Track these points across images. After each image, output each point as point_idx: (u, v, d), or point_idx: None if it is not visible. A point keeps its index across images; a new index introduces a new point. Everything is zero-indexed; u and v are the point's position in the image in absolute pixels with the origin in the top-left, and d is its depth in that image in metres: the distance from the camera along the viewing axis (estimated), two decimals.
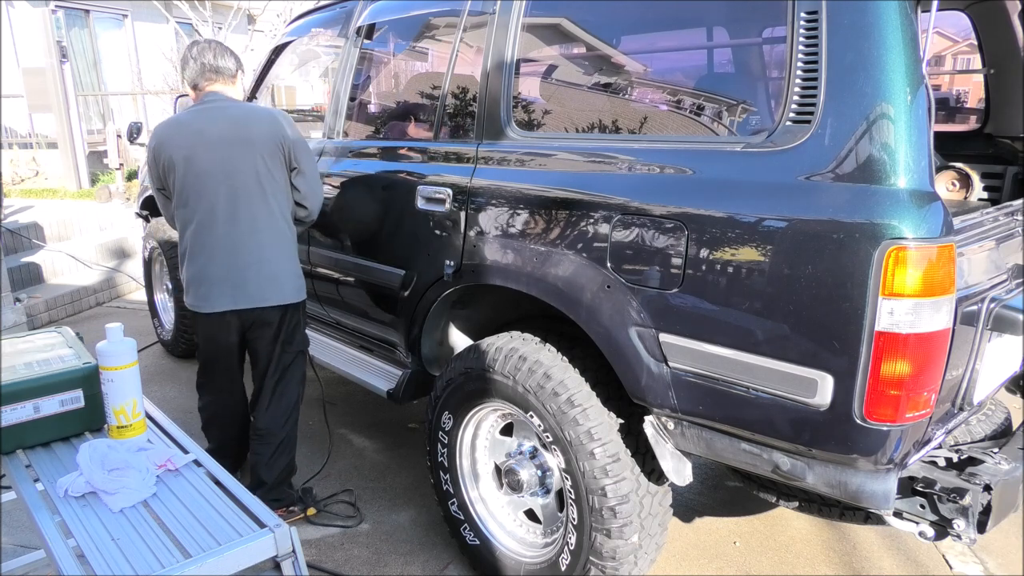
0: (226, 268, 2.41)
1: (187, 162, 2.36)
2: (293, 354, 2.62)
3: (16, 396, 1.65)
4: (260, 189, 2.40)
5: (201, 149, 2.36)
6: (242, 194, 2.38)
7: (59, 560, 1.30)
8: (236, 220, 2.39)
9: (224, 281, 2.42)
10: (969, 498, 1.57)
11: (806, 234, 1.48)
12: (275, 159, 2.42)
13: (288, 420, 2.64)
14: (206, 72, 2.45)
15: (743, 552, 2.56)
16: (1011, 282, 1.80)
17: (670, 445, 1.87)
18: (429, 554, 2.53)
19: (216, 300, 2.44)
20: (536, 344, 2.10)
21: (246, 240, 2.40)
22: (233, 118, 2.40)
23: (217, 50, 2.48)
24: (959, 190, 2.56)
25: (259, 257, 2.42)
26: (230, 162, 2.36)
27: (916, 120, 1.41)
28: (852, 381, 1.45)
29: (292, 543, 1.35)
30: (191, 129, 2.39)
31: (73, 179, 7.93)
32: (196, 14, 10.71)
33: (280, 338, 2.55)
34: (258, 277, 2.43)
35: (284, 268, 2.49)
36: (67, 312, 5.34)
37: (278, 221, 2.46)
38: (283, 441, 2.62)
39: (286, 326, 2.56)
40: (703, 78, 2.29)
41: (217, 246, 2.40)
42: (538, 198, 2.02)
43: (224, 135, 2.37)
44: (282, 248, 2.48)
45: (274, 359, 2.58)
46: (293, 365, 2.64)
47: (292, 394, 2.66)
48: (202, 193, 2.38)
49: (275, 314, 2.51)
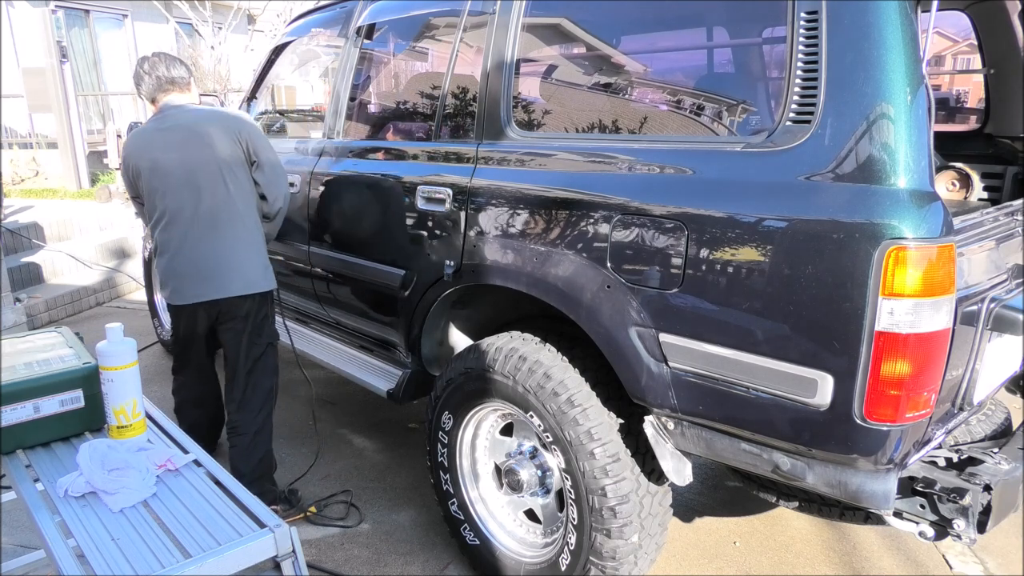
0: (190, 262, 2.53)
1: (151, 167, 2.51)
2: (263, 346, 2.69)
3: (16, 396, 1.65)
4: (224, 186, 2.51)
5: (162, 153, 2.50)
6: (204, 191, 2.50)
7: (59, 560, 1.30)
8: (198, 216, 2.50)
9: (189, 275, 2.54)
10: (969, 498, 1.57)
11: (806, 234, 1.48)
12: (234, 156, 2.53)
13: (262, 411, 2.70)
14: (162, 84, 2.59)
15: (743, 552, 2.56)
16: (1011, 282, 1.80)
17: (670, 445, 1.87)
18: (429, 554, 2.53)
19: (184, 293, 2.56)
20: (536, 344, 2.10)
21: (208, 234, 2.51)
22: (191, 122, 2.53)
23: (168, 62, 2.61)
24: (959, 190, 2.56)
25: (222, 249, 2.53)
26: (191, 162, 2.48)
27: (916, 120, 1.41)
28: (852, 381, 1.45)
29: (292, 543, 1.35)
30: (153, 137, 2.54)
31: (73, 179, 7.93)
32: (196, 14, 10.71)
33: (248, 330, 2.63)
34: (221, 268, 2.53)
35: (248, 259, 2.58)
36: (67, 312, 5.34)
37: (241, 215, 2.56)
38: (258, 431, 2.68)
39: (253, 318, 2.63)
40: (703, 78, 2.29)
41: (182, 242, 2.52)
42: (538, 198, 2.02)
43: (184, 138, 2.50)
44: (245, 240, 2.57)
45: (242, 351, 2.65)
46: (264, 357, 2.70)
47: (264, 386, 2.72)
48: (166, 193, 2.51)
49: (241, 305, 2.59)
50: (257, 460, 2.67)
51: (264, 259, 2.65)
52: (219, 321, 2.63)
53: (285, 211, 2.75)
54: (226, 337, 2.65)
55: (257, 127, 2.66)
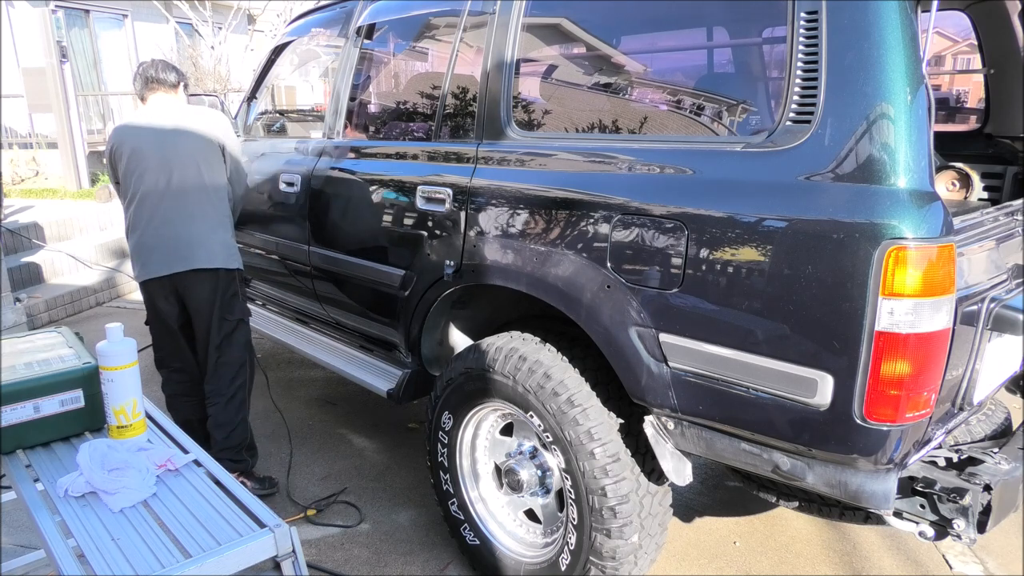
0: (158, 236, 2.67)
1: (132, 151, 2.69)
2: (233, 322, 2.80)
3: (16, 396, 1.65)
4: (195, 167, 2.69)
5: (143, 140, 2.69)
6: (176, 170, 2.66)
7: (59, 560, 1.30)
8: (168, 192, 2.66)
9: (156, 248, 2.67)
10: (969, 498, 1.57)
11: (806, 234, 1.48)
12: (209, 146, 2.73)
13: (234, 381, 2.82)
14: (149, 83, 2.79)
15: (743, 552, 2.56)
16: (1011, 282, 1.80)
17: (670, 445, 1.87)
18: (429, 554, 2.53)
19: (152, 267, 2.69)
20: (536, 344, 2.10)
21: (176, 210, 2.66)
22: (172, 114, 2.75)
23: (160, 66, 2.82)
24: (959, 190, 2.56)
25: (188, 224, 2.67)
26: (167, 146, 2.67)
27: (916, 120, 1.41)
28: (852, 381, 1.45)
29: (292, 543, 1.35)
30: (136, 125, 2.76)
31: (73, 179, 7.92)
32: (196, 14, 10.71)
33: (217, 305, 2.74)
34: (187, 242, 2.66)
35: (212, 235, 2.71)
36: (67, 312, 5.34)
37: (209, 195, 2.72)
38: (231, 399, 2.79)
39: (221, 295, 2.75)
40: (703, 78, 2.28)
41: (151, 217, 2.67)
42: (538, 198, 2.02)
43: (163, 127, 2.70)
44: (212, 218, 2.72)
45: (214, 327, 2.76)
46: (235, 332, 2.81)
47: (235, 356, 2.82)
48: (142, 174, 2.67)
49: (207, 279, 2.70)
50: (231, 427, 2.79)
51: (229, 239, 2.78)
52: (187, 296, 2.73)
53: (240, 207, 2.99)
54: (196, 317, 2.77)
55: (230, 128, 2.86)
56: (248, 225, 3.41)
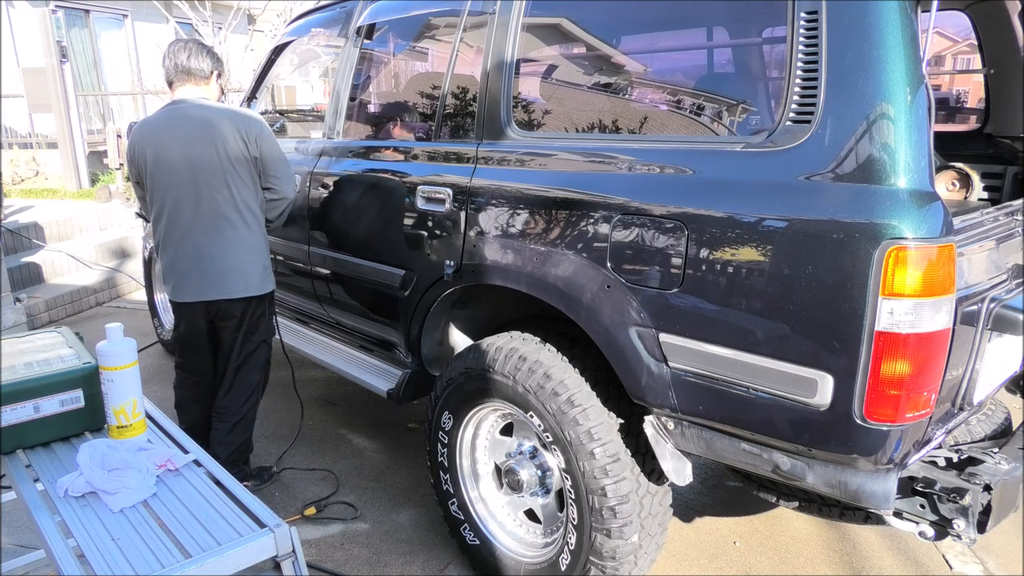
0: (192, 261, 2.57)
1: (155, 159, 2.54)
2: (256, 343, 2.76)
3: (16, 396, 1.65)
4: (226, 186, 2.54)
5: (166, 147, 2.52)
6: (206, 190, 2.52)
7: (59, 560, 1.30)
8: (200, 214, 2.53)
9: (190, 273, 2.59)
10: (969, 498, 1.57)
11: (806, 234, 1.48)
12: (239, 154, 2.54)
13: (247, 401, 2.78)
14: (177, 72, 2.59)
15: (743, 552, 2.56)
16: (1011, 282, 1.80)
17: (670, 445, 1.87)
18: (429, 554, 2.53)
19: (185, 291, 2.61)
20: (536, 344, 2.10)
21: (211, 233, 2.55)
22: (197, 117, 2.54)
23: (192, 50, 2.59)
24: (959, 190, 2.56)
25: (222, 251, 2.56)
26: (193, 158, 2.50)
27: (916, 120, 1.41)
28: (852, 381, 1.45)
29: (292, 543, 1.35)
30: (159, 128, 2.56)
31: (73, 179, 7.92)
32: (196, 14, 10.71)
33: (243, 328, 2.70)
34: (221, 270, 2.57)
35: (247, 261, 2.62)
36: (67, 312, 5.34)
37: (243, 214, 2.58)
38: (241, 420, 2.77)
39: (249, 317, 2.70)
40: (703, 78, 2.28)
41: (183, 239, 2.56)
42: (538, 198, 2.02)
43: (188, 133, 2.51)
44: (246, 242, 2.60)
45: (237, 347, 2.72)
46: (256, 353, 2.77)
47: (253, 378, 2.79)
48: (168, 187, 2.54)
49: (239, 306, 2.65)
50: (236, 446, 2.78)
51: (264, 261, 2.70)
52: (217, 318, 2.69)
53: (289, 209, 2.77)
54: (223, 334, 2.73)
55: (266, 126, 2.66)
56: None
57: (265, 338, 2.79)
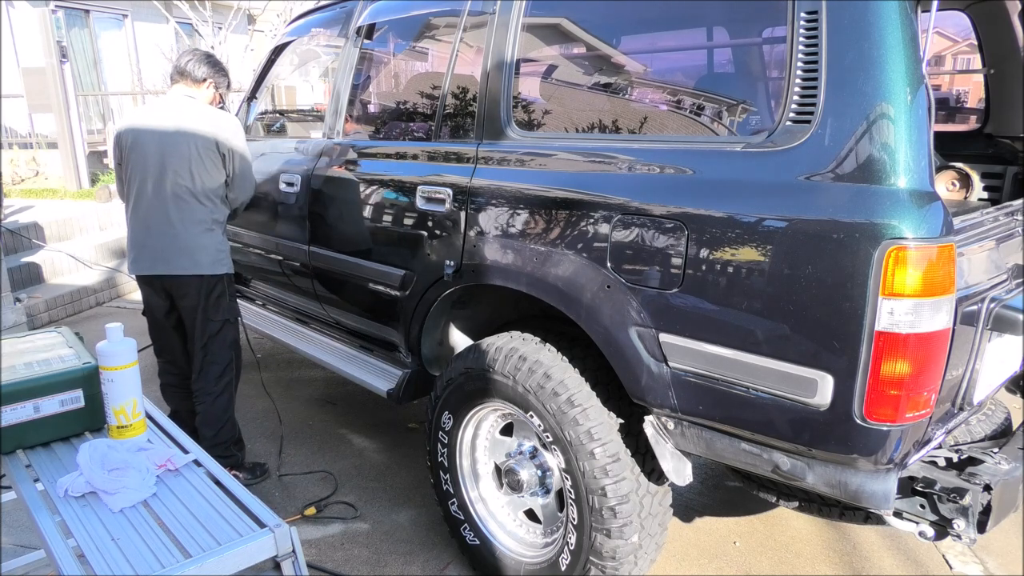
0: (149, 236, 2.73)
1: (133, 141, 2.74)
2: (219, 323, 2.85)
3: (16, 396, 1.65)
4: (189, 172, 2.70)
5: (145, 131, 2.72)
6: (170, 172, 2.69)
7: (59, 560, 1.30)
8: (161, 194, 2.69)
9: (145, 247, 2.75)
10: (969, 498, 1.57)
11: (806, 234, 1.48)
12: (208, 150, 2.72)
13: (220, 380, 2.88)
14: (174, 73, 2.84)
15: (743, 552, 2.56)
16: (1011, 282, 1.80)
17: (670, 445, 1.87)
18: (429, 554, 2.53)
19: (139, 264, 2.77)
20: (536, 344, 2.10)
21: (166, 213, 2.70)
22: (180, 110, 2.75)
23: (197, 58, 2.83)
24: (959, 190, 2.56)
25: (176, 230, 2.71)
26: (166, 143, 2.69)
27: (916, 120, 1.41)
28: (852, 381, 1.45)
29: (292, 543, 1.35)
30: (143, 114, 2.80)
31: (73, 179, 7.92)
32: (196, 14, 10.71)
33: (202, 307, 2.80)
34: (173, 247, 2.71)
35: (200, 242, 2.74)
36: (67, 312, 5.34)
37: (201, 199, 2.73)
38: (218, 396, 2.87)
39: (208, 297, 2.79)
40: (703, 78, 2.28)
41: (145, 215, 2.73)
42: (538, 198, 2.02)
43: (167, 123, 2.71)
44: (200, 225, 2.74)
45: (198, 327, 2.83)
46: (220, 333, 2.86)
47: (222, 356, 2.88)
48: (138, 168, 2.72)
49: (192, 284, 2.76)
50: (219, 426, 2.86)
51: (219, 244, 2.80)
52: (176, 297, 2.81)
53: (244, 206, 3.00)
54: (184, 314, 2.85)
55: (239, 132, 2.83)
56: (248, 225, 3.41)
57: (228, 317, 2.88)
